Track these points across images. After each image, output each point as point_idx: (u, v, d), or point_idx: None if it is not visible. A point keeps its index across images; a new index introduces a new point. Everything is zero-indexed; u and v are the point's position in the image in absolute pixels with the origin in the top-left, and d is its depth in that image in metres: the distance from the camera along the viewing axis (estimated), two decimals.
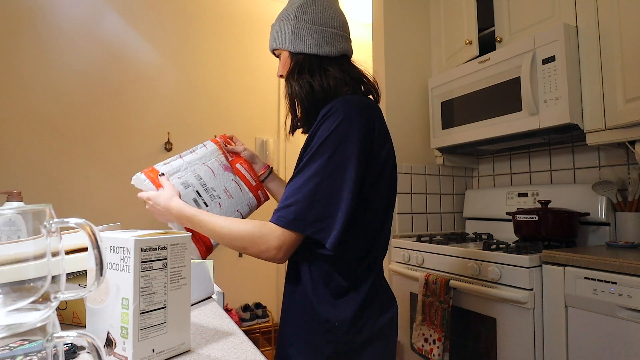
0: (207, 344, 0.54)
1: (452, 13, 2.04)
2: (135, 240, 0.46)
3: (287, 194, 0.76)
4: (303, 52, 0.88)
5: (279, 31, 0.90)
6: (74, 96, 2.14)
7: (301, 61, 0.88)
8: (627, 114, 1.33)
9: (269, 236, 0.75)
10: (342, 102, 0.78)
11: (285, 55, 0.90)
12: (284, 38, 0.89)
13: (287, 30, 0.89)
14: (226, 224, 0.80)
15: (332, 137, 0.75)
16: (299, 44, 0.88)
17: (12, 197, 0.91)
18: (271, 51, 0.94)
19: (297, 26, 0.88)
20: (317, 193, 0.74)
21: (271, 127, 2.77)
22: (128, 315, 0.45)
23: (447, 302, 1.51)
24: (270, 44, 0.93)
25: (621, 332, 1.11)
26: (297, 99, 0.88)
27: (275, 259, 0.77)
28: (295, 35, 0.88)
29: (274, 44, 0.92)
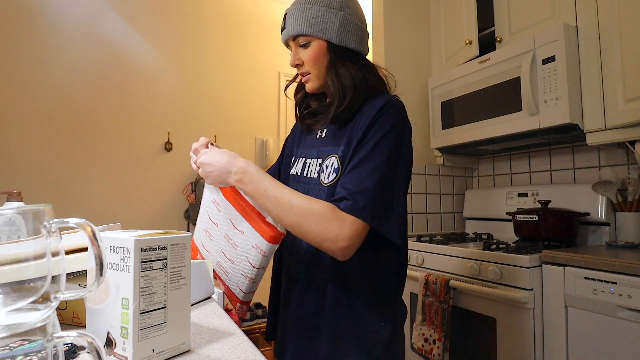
0: (207, 344, 0.54)
1: (452, 13, 2.04)
2: (135, 240, 0.46)
3: (350, 182, 0.73)
4: (348, 46, 0.84)
5: (318, 17, 0.82)
6: (74, 96, 2.14)
7: (343, 54, 0.84)
8: (627, 114, 1.33)
9: (341, 222, 0.69)
10: (394, 100, 0.81)
11: (320, 45, 0.83)
12: (328, 27, 0.82)
13: (334, 19, 0.83)
14: (296, 194, 0.73)
15: (391, 134, 0.76)
16: (344, 38, 0.84)
17: (12, 197, 0.91)
18: (294, 36, 0.84)
19: (345, 18, 0.84)
20: (381, 185, 0.72)
21: (271, 127, 2.77)
22: (128, 315, 0.45)
23: (447, 302, 1.51)
24: (301, 29, 0.83)
25: (621, 332, 1.11)
26: (346, 89, 0.83)
27: (343, 251, 0.70)
28: (343, 28, 0.84)
29: (310, 30, 0.83)
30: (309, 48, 0.84)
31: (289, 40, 0.88)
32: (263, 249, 0.76)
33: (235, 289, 0.83)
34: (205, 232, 0.87)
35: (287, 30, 0.86)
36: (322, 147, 0.88)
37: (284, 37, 0.88)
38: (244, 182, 0.76)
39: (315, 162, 0.88)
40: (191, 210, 2.35)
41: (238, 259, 0.80)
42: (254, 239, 0.77)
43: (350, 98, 0.82)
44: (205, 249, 0.87)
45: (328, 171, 0.83)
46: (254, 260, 0.78)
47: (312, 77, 0.87)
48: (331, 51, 0.84)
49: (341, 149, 0.82)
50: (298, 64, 0.87)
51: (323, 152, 0.87)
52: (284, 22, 0.87)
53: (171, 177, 2.38)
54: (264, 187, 0.74)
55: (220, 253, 0.84)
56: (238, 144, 2.60)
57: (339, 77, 0.83)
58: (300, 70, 0.88)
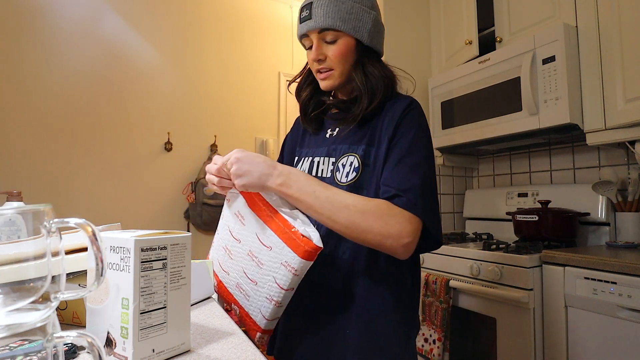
0: (207, 344, 0.54)
1: (452, 13, 2.04)
2: (135, 240, 0.46)
3: (396, 180, 0.72)
4: (375, 48, 0.83)
5: (352, 13, 0.78)
6: (74, 96, 2.14)
7: (370, 54, 0.83)
8: (627, 114, 1.33)
9: (401, 218, 0.67)
10: (415, 100, 0.82)
11: (349, 43, 0.80)
12: (361, 26, 0.79)
13: (367, 19, 0.80)
14: (347, 193, 0.70)
15: (421, 132, 0.78)
16: (374, 39, 0.82)
17: (12, 197, 0.91)
18: (321, 29, 0.78)
19: (376, 19, 0.82)
20: (425, 183, 0.72)
21: (271, 127, 2.77)
22: (128, 315, 0.45)
23: (447, 302, 1.51)
24: (333, 22, 0.77)
25: (621, 332, 1.11)
26: (376, 88, 0.80)
27: (405, 247, 0.68)
28: (374, 28, 0.82)
29: (342, 25, 0.78)
30: (335, 45, 0.80)
31: (311, 33, 0.80)
32: (295, 267, 0.66)
33: (256, 315, 0.72)
34: (224, 250, 0.78)
35: (313, 22, 0.78)
36: (333, 145, 0.86)
37: (307, 29, 0.80)
38: (288, 184, 0.69)
39: (326, 160, 0.85)
40: (191, 210, 2.35)
41: (263, 280, 0.70)
42: (284, 255, 0.67)
43: (380, 98, 0.80)
44: (223, 269, 0.78)
45: (346, 170, 0.80)
46: (283, 280, 0.68)
47: (335, 74, 0.82)
48: (359, 50, 0.81)
49: (362, 148, 0.80)
50: (321, 58, 0.81)
51: (336, 151, 0.84)
52: (307, 11, 0.80)
53: (171, 177, 2.38)
54: (312, 188, 0.69)
55: (241, 273, 0.74)
56: (238, 144, 2.60)
57: (368, 77, 0.81)
58: (320, 66, 0.82)
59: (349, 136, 0.84)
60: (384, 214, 0.67)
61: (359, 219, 0.67)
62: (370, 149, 0.79)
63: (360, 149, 0.80)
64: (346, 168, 0.80)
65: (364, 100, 0.80)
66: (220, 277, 0.78)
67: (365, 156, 0.79)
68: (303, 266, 0.67)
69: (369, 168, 0.79)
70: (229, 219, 0.78)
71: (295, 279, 0.68)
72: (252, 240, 0.72)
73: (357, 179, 0.78)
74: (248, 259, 0.72)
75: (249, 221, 0.74)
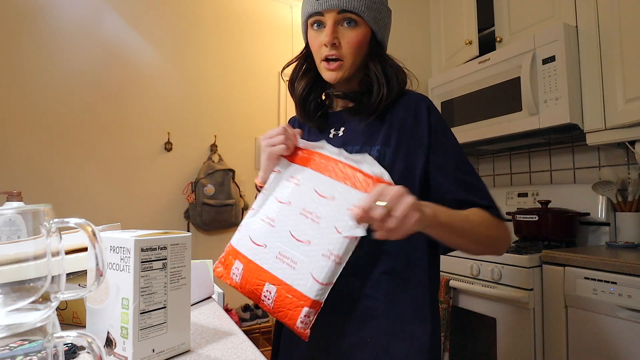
0: (207, 344, 0.54)
1: (452, 13, 2.04)
2: (135, 240, 0.46)
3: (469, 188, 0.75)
4: (383, 43, 0.81)
5: (376, 3, 0.75)
6: (74, 96, 2.14)
7: (380, 49, 0.80)
8: (627, 114, 1.33)
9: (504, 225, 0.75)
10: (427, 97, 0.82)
11: (366, 32, 0.76)
12: (380, 18, 0.77)
13: (385, 14, 0.79)
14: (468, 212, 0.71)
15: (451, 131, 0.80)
16: (385, 36, 0.81)
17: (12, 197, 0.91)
18: (344, 9, 0.72)
19: (389, 14, 0.81)
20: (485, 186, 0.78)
21: (271, 127, 2.76)
22: (128, 315, 0.45)
23: (447, 302, 1.51)
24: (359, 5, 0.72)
25: (621, 332, 1.11)
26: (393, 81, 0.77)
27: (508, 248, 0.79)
28: (386, 27, 0.81)
29: (366, 12, 0.73)
30: (354, 30, 0.73)
31: (328, 12, 0.73)
32: None
33: (305, 283, 0.62)
34: (262, 222, 0.70)
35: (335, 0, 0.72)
36: (343, 147, 0.78)
37: (327, 6, 0.72)
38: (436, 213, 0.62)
39: None
40: (191, 210, 2.35)
41: (319, 236, 0.63)
42: (352, 198, 0.62)
43: (398, 88, 0.78)
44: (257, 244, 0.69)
45: None
46: (347, 227, 0.61)
47: (346, 65, 0.75)
48: (373, 43, 0.78)
49: (376, 148, 0.75)
50: (336, 43, 0.73)
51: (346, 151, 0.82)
52: None
53: (171, 177, 2.38)
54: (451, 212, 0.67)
55: (288, 238, 0.66)
56: (238, 144, 2.60)
57: (384, 68, 0.77)
58: (332, 52, 0.74)
59: (359, 136, 0.78)
60: (499, 223, 0.73)
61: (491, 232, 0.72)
62: (386, 149, 0.75)
63: (375, 150, 0.75)
64: None
65: (383, 88, 0.75)
66: (251, 256, 0.68)
67: (381, 157, 0.75)
68: None
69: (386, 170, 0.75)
70: (277, 189, 0.72)
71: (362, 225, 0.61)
72: (309, 197, 0.67)
73: None
74: (300, 218, 0.66)
75: (305, 179, 0.69)
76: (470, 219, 0.70)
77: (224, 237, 2.50)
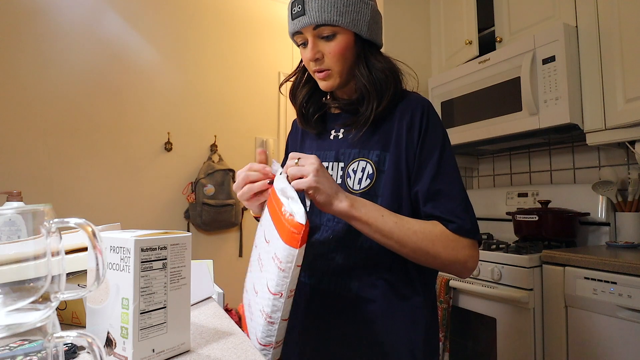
0: (207, 344, 0.54)
1: (452, 13, 2.04)
2: (135, 240, 0.46)
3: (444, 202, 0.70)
4: (375, 41, 0.77)
5: (349, 5, 0.72)
6: (74, 96, 2.14)
7: (371, 48, 0.77)
8: (627, 114, 1.33)
9: (466, 244, 0.69)
10: (428, 100, 0.78)
11: (348, 38, 0.74)
12: (360, 18, 0.73)
13: (365, 10, 0.74)
14: (407, 218, 0.69)
15: (445, 134, 0.76)
16: (374, 31, 0.77)
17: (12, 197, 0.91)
18: (317, 25, 0.72)
19: (374, 9, 0.77)
20: (465, 197, 0.72)
21: (271, 127, 2.77)
22: (128, 315, 0.45)
23: (447, 302, 1.51)
24: (329, 17, 0.71)
25: (621, 332, 1.11)
26: (383, 84, 0.75)
27: (470, 272, 0.71)
28: (373, 20, 0.76)
29: (340, 19, 0.71)
30: (333, 41, 0.73)
31: (305, 30, 0.74)
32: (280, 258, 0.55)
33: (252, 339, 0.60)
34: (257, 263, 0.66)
35: (307, 17, 0.72)
36: (342, 149, 0.80)
37: (301, 25, 0.73)
38: (356, 206, 0.67)
39: (335, 166, 0.80)
40: (191, 210, 2.35)
41: (261, 287, 0.59)
42: (275, 245, 0.57)
43: (391, 93, 0.75)
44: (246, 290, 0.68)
45: (358, 176, 0.76)
46: (272, 281, 0.56)
47: (334, 74, 0.76)
48: (358, 45, 0.75)
49: (375, 153, 0.75)
50: (318, 58, 0.75)
51: (345, 156, 0.79)
52: (300, 7, 0.73)
53: (171, 177, 2.38)
54: (380, 213, 0.68)
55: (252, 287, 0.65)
56: (238, 144, 2.60)
57: (372, 72, 0.75)
58: (318, 67, 0.76)
59: (359, 140, 0.78)
60: (450, 241, 0.68)
61: (427, 245, 0.68)
62: (384, 154, 0.75)
63: (374, 155, 0.75)
64: (358, 174, 0.76)
65: (373, 99, 0.75)
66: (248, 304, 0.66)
67: (380, 162, 0.74)
68: (287, 255, 0.54)
69: (384, 174, 0.74)
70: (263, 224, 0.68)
71: (281, 277, 0.55)
72: (262, 241, 0.65)
73: (371, 186, 0.74)
74: (257, 264, 0.64)
75: (264, 220, 0.67)
76: (407, 226, 0.67)
77: (224, 237, 2.50)
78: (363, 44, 0.76)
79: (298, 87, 0.86)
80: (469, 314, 1.50)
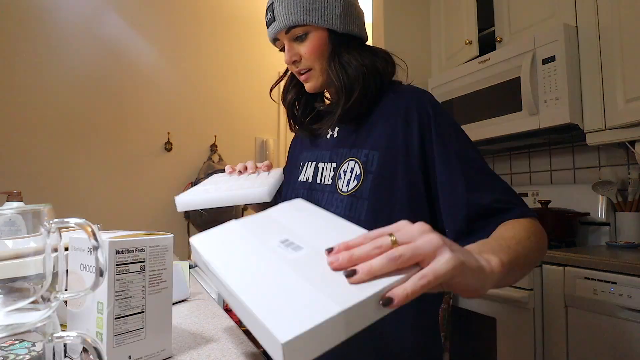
0: (207, 344, 0.54)
1: (452, 13, 2.04)
2: (110, 241, 0.44)
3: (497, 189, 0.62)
4: (351, 33, 0.74)
5: (316, 2, 0.71)
6: (74, 96, 2.14)
7: (347, 42, 0.74)
8: (627, 114, 1.33)
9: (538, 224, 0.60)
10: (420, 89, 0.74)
11: (321, 35, 0.72)
12: (329, 12, 0.71)
13: (335, 3, 0.72)
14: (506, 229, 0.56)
15: (452, 120, 0.70)
16: (347, 23, 0.73)
17: (12, 197, 0.91)
18: (288, 28, 0.72)
19: (346, 2, 0.74)
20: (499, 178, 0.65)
21: (271, 127, 2.77)
22: (102, 320, 0.44)
23: (447, 302, 1.51)
24: (296, 18, 0.70)
25: (621, 332, 1.11)
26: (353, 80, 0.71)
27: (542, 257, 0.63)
28: (345, 12, 0.73)
29: (307, 18, 0.70)
30: (306, 40, 0.73)
31: (279, 35, 0.74)
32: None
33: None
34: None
35: (277, 23, 0.72)
36: (336, 148, 0.77)
37: (274, 32, 0.74)
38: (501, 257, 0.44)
39: (329, 166, 0.77)
40: (191, 211, 2.35)
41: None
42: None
43: (360, 90, 0.71)
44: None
45: (347, 178, 0.71)
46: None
47: (315, 72, 0.75)
48: (333, 40, 0.73)
49: (364, 152, 0.71)
50: (296, 60, 0.74)
51: (338, 155, 0.75)
52: (270, 14, 0.73)
53: (171, 177, 2.38)
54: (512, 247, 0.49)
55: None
56: (238, 144, 2.60)
57: (344, 68, 0.72)
58: (298, 68, 0.75)
59: (350, 138, 0.75)
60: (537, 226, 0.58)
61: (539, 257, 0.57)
62: (373, 153, 0.70)
63: (362, 154, 0.71)
64: (347, 175, 0.71)
65: (341, 95, 0.72)
66: None
67: (367, 162, 0.69)
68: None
69: (371, 175, 0.68)
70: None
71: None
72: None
73: (357, 188, 0.69)
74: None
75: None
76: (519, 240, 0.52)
77: None
78: (339, 39, 0.73)
79: (288, 89, 0.86)
80: (469, 314, 1.50)
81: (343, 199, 0.70)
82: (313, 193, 0.78)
